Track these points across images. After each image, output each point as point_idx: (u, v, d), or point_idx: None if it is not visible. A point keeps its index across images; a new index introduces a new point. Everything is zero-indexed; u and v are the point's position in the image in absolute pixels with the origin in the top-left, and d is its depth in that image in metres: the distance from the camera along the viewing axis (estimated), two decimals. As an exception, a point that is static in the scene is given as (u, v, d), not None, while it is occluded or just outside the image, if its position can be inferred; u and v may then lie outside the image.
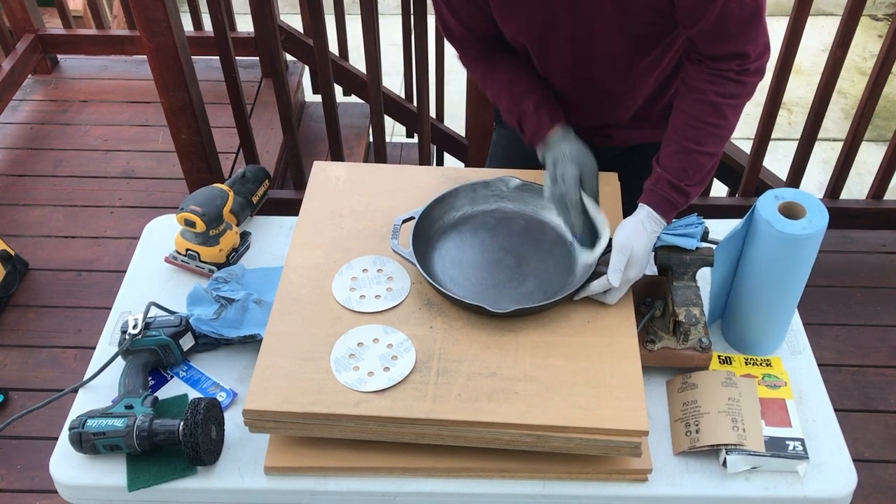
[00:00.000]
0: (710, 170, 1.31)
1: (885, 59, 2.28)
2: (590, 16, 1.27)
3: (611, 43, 1.31)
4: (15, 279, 2.53)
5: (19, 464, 2.11)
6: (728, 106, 1.27)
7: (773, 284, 1.28)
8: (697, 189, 1.30)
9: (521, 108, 1.40)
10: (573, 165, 1.29)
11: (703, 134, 1.28)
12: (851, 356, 2.36)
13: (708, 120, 1.27)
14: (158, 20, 2.02)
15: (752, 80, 1.27)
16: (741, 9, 1.19)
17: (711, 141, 1.28)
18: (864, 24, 4.70)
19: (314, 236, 1.38)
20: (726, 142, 1.32)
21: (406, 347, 1.20)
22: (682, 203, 1.30)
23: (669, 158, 1.30)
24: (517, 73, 1.42)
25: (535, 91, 1.41)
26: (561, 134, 1.35)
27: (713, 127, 1.28)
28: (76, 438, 1.19)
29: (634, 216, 1.28)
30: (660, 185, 1.29)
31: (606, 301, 1.26)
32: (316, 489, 1.19)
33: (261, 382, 1.16)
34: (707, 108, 1.27)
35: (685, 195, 1.29)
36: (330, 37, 2.38)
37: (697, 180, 1.29)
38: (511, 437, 1.13)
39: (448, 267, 1.33)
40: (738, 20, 1.20)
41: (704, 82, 1.27)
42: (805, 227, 1.20)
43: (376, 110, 2.48)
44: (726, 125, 1.29)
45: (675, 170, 1.29)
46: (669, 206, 1.29)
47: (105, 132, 3.15)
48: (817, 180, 3.63)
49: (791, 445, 1.20)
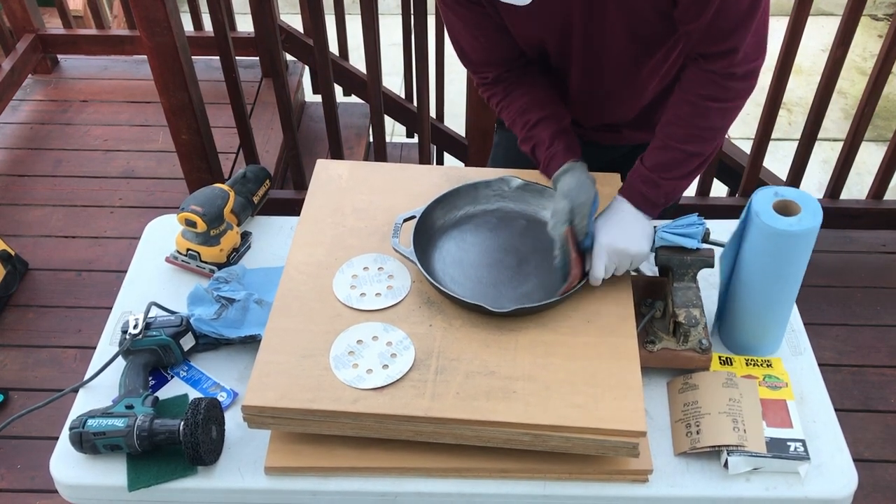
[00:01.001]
0: (692, 169, 1.31)
1: (885, 59, 2.28)
2: (599, 17, 1.27)
3: (618, 44, 1.32)
4: (15, 279, 2.53)
5: (19, 464, 2.11)
6: (714, 109, 1.27)
7: (763, 282, 1.27)
8: (675, 184, 1.31)
9: (535, 138, 1.41)
10: (564, 200, 1.27)
11: (685, 133, 1.29)
12: (851, 356, 2.36)
13: (691, 120, 1.28)
14: (158, 20, 2.02)
15: (736, 86, 1.26)
16: (737, 4, 1.18)
17: (694, 141, 1.29)
18: (864, 24, 4.70)
19: (316, 234, 1.38)
20: (714, 144, 1.31)
21: (405, 345, 1.20)
22: (655, 197, 1.30)
23: (650, 153, 1.31)
24: (533, 101, 1.42)
25: (550, 121, 1.40)
26: (567, 167, 1.33)
27: (696, 128, 1.28)
28: (76, 438, 1.19)
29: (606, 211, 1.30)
30: (633, 176, 1.31)
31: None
32: (316, 489, 1.19)
33: (260, 378, 1.16)
34: (691, 109, 1.28)
35: (657, 187, 1.29)
36: (330, 37, 2.38)
37: (675, 176, 1.30)
38: (509, 436, 1.13)
39: (448, 266, 1.33)
40: (733, 17, 1.19)
41: (692, 81, 1.28)
42: (793, 225, 1.20)
43: (376, 110, 2.48)
44: (710, 127, 1.28)
45: (652, 164, 1.30)
46: (640, 198, 1.30)
47: (105, 132, 3.15)
48: (817, 180, 3.63)
49: (792, 446, 1.20)
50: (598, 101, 1.48)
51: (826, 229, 2.66)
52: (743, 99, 1.29)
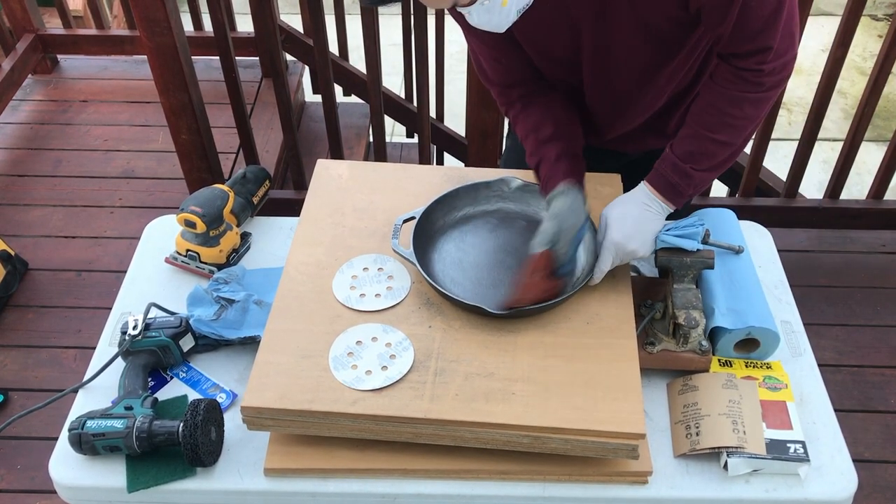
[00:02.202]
0: (723, 160, 1.29)
1: (885, 59, 2.28)
2: (610, 27, 1.26)
3: (629, 53, 1.31)
4: (15, 279, 2.52)
5: (19, 464, 2.11)
6: (748, 100, 1.26)
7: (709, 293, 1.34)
8: (704, 175, 1.29)
9: (541, 154, 1.40)
10: (552, 222, 1.26)
11: (717, 121, 1.27)
12: (851, 356, 2.36)
13: (723, 108, 1.26)
14: (158, 20, 2.02)
15: (769, 80, 1.25)
16: (761, 6, 1.17)
17: (725, 130, 1.27)
18: (864, 24, 4.70)
19: (316, 234, 1.38)
20: (745, 134, 1.29)
21: (404, 347, 1.20)
22: (683, 186, 1.29)
23: (681, 140, 1.30)
24: (547, 117, 1.42)
25: (560, 141, 1.39)
26: (562, 188, 1.30)
27: (728, 116, 1.26)
28: (76, 439, 1.19)
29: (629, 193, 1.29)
30: (663, 165, 1.29)
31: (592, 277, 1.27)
32: (316, 491, 1.19)
33: (259, 379, 1.16)
34: (724, 98, 1.26)
35: (688, 178, 1.28)
36: (330, 37, 2.38)
37: (705, 167, 1.28)
38: (508, 438, 1.13)
39: (448, 267, 1.33)
40: (758, 17, 1.18)
41: (724, 77, 1.26)
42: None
43: (376, 110, 2.48)
44: (743, 116, 1.27)
45: (682, 152, 1.29)
46: (668, 187, 1.29)
47: (105, 132, 3.15)
48: (817, 180, 3.63)
49: (792, 448, 1.20)
50: (613, 108, 1.46)
51: (826, 229, 2.69)
52: (777, 89, 1.27)
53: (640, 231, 1.28)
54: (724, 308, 1.32)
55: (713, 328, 1.31)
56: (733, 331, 1.28)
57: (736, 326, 1.28)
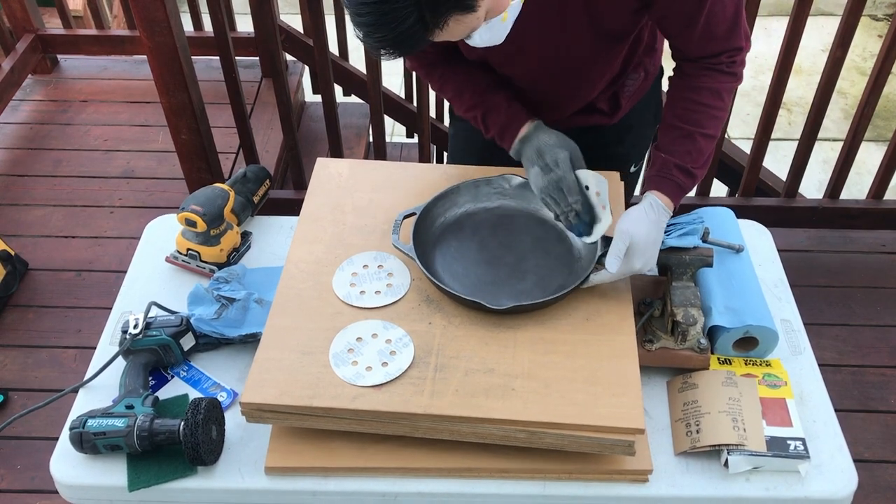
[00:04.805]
0: (710, 154, 1.34)
1: (885, 59, 2.28)
2: (562, 24, 1.28)
3: (578, 46, 1.34)
4: (15, 279, 2.52)
5: (19, 464, 2.11)
6: (725, 90, 1.33)
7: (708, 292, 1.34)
8: (702, 172, 1.33)
9: (488, 104, 1.41)
10: (562, 150, 1.30)
11: (704, 116, 1.31)
12: (851, 356, 2.36)
13: (707, 102, 1.31)
14: (158, 20, 2.02)
15: (741, 70, 1.33)
16: (723, 10, 1.24)
17: (711, 123, 1.32)
18: (864, 24, 4.70)
19: (316, 231, 1.38)
20: (723, 123, 1.35)
21: (405, 343, 1.20)
22: (689, 186, 1.32)
23: (673, 143, 1.32)
24: (474, 73, 1.44)
25: (501, 87, 1.42)
26: (535, 125, 1.36)
27: (713, 108, 1.32)
28: (77, 438, 1.19)
29: (638, 205, 1.29)
30: (666, 170, 1.30)
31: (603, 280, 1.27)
32: (316, 489, 1.19)
33: (259, 375, 1.16)
34: (705, 93, 1.31)
35: (692, 177, 1.31)
36: (330, 37, 2.38)
37: (701, 163, 1.32)
38: (505, 433, 1.14)
39: (448, 263, 1.33)
40: (723, 21, 1.25)
41: (700, 76, 1.31)
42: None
43: (376, 110, 2.48)
44: (723, 106, 1.33)
45: (681, 153, 1.31)
46: (678, 190, 1.31)
47: (105, 132, 3.15)
48: (817, 180, 3.63)
49: (792, 445, 1.20)
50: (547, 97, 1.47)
51: (826, 229, 2.69)
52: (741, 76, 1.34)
53: (654, 253, 1.27)
54: (722, 307, 1.32)
55: (712, 327, 1.31)
56: (731, 329, 1.29)
57: (734, 325, 1.29)
